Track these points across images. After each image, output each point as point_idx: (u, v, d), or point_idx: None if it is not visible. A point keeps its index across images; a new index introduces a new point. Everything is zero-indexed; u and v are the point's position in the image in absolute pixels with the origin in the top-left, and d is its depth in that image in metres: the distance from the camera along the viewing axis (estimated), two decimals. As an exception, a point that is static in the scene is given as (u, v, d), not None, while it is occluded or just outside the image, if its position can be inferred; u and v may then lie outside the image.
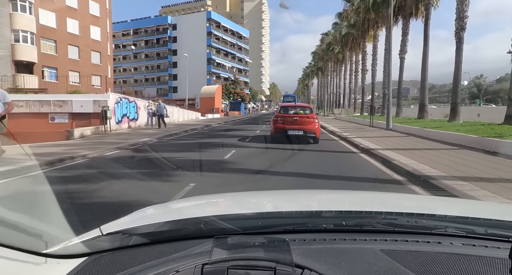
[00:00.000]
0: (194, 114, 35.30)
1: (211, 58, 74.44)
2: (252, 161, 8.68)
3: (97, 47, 39.09)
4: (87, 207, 4.36)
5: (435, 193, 5.10)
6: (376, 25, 29.73)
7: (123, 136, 14.76)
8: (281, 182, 6.00)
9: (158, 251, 0.94)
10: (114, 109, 18.16)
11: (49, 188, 5.48)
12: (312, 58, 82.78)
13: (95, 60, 39.20)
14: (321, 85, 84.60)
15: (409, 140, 12.44)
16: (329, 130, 18.38)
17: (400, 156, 8.23)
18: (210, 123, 26.46)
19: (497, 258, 0.85)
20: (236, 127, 22.71)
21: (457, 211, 1.37)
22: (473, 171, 6.28)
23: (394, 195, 2.32)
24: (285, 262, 0.77)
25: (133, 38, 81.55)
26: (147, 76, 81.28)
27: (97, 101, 17.29)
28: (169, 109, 26.70)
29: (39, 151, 9.18)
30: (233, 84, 57.30)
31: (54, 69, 34.35)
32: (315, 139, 12.27)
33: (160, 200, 2.74)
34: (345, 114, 36.30)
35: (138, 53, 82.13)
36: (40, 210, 4.07)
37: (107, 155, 9.59)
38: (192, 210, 1.43)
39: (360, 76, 35.47)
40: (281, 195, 1.91)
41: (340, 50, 47.58)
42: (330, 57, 52.18)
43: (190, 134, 16.87)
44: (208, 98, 49.86)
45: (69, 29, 34.72)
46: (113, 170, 7.44)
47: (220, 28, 77.96)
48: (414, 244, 0.94)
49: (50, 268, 0.91)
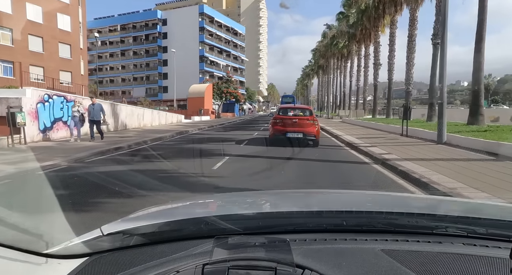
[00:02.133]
0: (176, 117, 29.63)
1: (204, 56, 69.44)
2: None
3: (66, 39, 33.53)
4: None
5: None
6: (394, 8, 24.20)
7: (18, 156, 9.19)
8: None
9: (158, 251, 0.93)
10: (36, 111, 12.57)
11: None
12: (312, 56, 77.33)
13: (64, 53, 33.63)
14: (322, 84, 79.11)
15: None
16: (346, 142, 12.81)
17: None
18: (190, 128, 20.92)
19: (498, 258, 0.85)
20: (219, 136, 17.17)
21: (457, 211, 1.36)
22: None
23: (394, 195, 2.18)
24: (286, 262, 0.77)
25: (121, 34, 76.36)
26: (136, 75, 75.92)
27: (4, 99, 11.67)
28: (136, 111, 21.10)
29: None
30: (226, 83, 51.58)
31: (10, 63, 28.91)
32: (315, 142, 11.72)
33: None
34: (354, 117, 30.74)
35: (126, 50, 76.82)
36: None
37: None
38: (193, 210, 1.44)
39: (372, 72, 29.95)
40: (281, 195, 1.88)
41: (346, 44, 42.10)
42: (333, 53, 46.65)
43: (130, 152, 11.12)
44: (197, 99, 44.30)
45: (29, 16, 29.18)
46: None
47: (213, 24, 72.87)
48: (415, 244, 0.94)
49: (50, 268, 0.91)
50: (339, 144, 12.85)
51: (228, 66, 76.65)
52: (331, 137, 15.89)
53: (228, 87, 50.35)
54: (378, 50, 29.60)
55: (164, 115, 26.54)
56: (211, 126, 24.63)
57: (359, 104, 39.28)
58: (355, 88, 40.81)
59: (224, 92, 49.61)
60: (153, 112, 24.06)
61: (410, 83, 21.18)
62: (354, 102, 42.68)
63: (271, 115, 20.13)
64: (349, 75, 41.25)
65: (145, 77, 75.43)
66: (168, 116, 27.34)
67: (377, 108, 30.26)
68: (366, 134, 15.79)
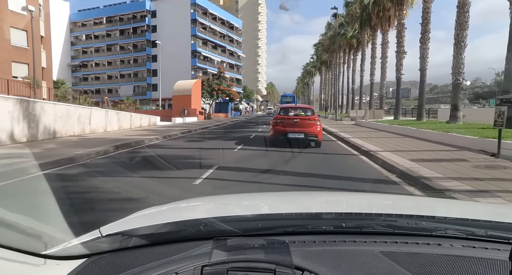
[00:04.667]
0: (147, 119, 23.44)
1: (196, 51, 63.49)
2: None
3: (21, 23, 27.34)
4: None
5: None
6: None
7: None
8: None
9: (157, 252, 0.93)
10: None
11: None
12: (315, 51, 71.35)
13: (19, 41, 27.46)
14: (325, 82, 72.91)
15: None
16: (404, 173, 6.65)
17: None
18: (153, 136, 14.84)
19: (497, 260, 0.85)
20: (180, 153, 11.15)
21: (457, 212, 1.36)
22: None
23: (393, 197, 2.27)
24: (285, 264, 0.78)
25: (107, 27, 70.39)
26: (123, 72, 69.88)
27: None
28: (75, 111, 14.90)
29: None
30: (218, 80, 45.34)
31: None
32: (317, 142, 11.31)
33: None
34: (371, 118, 24.63)
35: (112, 44, 70.70)
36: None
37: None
38: (192, 211, 1.43)
39: (395, 62, 23.71)
40: (281, 197, 1.88)
41: (355, 33, 36.01)
42: (340, 45, 40.59)
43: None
44: (182, 97, 38.18)
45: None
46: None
47: (207, 16, 66.87)
48: (414, 246, 0.94)
49: (49, 269, 0.90)
50: (383, 173, 6.76)
51: (223, 62, 70.55)
52: (360, 154, 9.80)
53: (220, 84, 44.10)
54: (402, 35, 23.35)
55: (129, 118, 20.31)
56: (187, 132, 18.50)
57: (372, 103, 33.11)
58: (366, 85, 34.69)
59: (216, 89, 43.37)
60: (108, 114, 17.90)
61: (460, 72, 15.08)
62: (364, 101, 36.60)
63: (271, 115, 18.32)
64: (359, 69, 35.26)
65: (133, 74, 69.42)
66: (134, 119, 21.12)
67: (400, 107, 24.14)
68: (423, 150, 9.64)
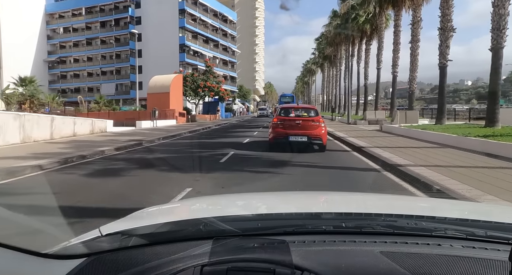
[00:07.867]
0: (87, 125, 16.43)
1: (185, 45, 56.64)
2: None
3: None
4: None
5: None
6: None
7: None
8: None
9: (157, 252, 0.93)
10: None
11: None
12: (317, 45, 64.28)
13: None
14: (328, 80, 66.00)
15: None
16: None
17: None
18: (45, 160, 7.88)
19: (497, 260, 0.85)
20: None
21: (456, 213, 1.35)
22: None
23: (393, 197, 2.26)
24: (285, 263, 0.78)
25: (86, 19, 63.26)
26: (104, 68, 62.82)
27: None
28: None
29: None
30: (205, 75, 38.30)
31: None
32: (322, 147, 10.53)
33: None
34: (403, 123, 17.78)
35: (92, 38, 63.63)
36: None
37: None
38: (192, 211, 1.43)
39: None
40: (280, 197, 1.87)
41: (371, 16, 29.12)
42: (347, 36, 33.70)
43: None
44: (159, 95, 31.28)
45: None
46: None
47: (197, 6, 60.03)
48: (413, 246, 0.93)
49: (49, 268, 0.90)
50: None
51: (216, 58, 63.59)
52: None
53: (207, 80, 37.07)
54: (449, 4, 16.56)
55: (48, 123, 13.25)
56: (115, 151, 11.56)
57: (394, 102, 26.17)
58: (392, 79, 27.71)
59: (201, 86, 36.35)
60: (20, 119, 10.92)
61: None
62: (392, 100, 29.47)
63: (271, 116, 17.51)
64: (377, 61, 28.36)
65: (115, 71, 62.39)
66: (61, 125, 14.14)
67: (445, 109, 17.24)
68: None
